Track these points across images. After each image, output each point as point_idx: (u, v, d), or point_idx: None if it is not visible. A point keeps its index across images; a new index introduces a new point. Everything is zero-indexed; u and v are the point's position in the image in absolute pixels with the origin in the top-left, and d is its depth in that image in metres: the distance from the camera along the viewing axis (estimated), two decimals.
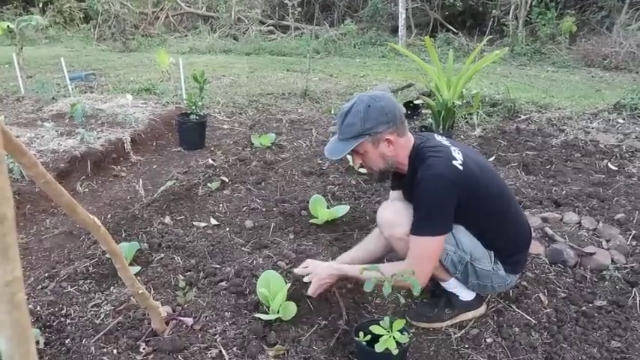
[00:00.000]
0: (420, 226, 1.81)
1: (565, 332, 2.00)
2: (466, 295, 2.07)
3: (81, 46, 11.58)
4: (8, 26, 5.56)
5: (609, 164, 3.92)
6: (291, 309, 1.99)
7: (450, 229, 1.86)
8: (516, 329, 2.02)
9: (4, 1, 13.36)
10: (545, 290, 2.26)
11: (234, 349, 1.85)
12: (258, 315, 1.98)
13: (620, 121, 5.00)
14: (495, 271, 1.98)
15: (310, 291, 2.02)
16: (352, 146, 1.84)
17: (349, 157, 2.18)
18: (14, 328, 0.55)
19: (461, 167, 1.79)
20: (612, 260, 2.45)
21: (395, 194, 2.19)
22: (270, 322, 1.97)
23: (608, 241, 2.61)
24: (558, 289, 2.29)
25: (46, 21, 11.13)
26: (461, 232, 1.93)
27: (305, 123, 5.15)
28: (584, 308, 2.14)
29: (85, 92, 5.89)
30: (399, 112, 1.86)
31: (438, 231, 1.81)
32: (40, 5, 13.44)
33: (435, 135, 2.03)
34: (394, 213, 1.97)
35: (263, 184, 3.50)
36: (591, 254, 2.46)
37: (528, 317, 2.09)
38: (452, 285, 2.05)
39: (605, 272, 2.38)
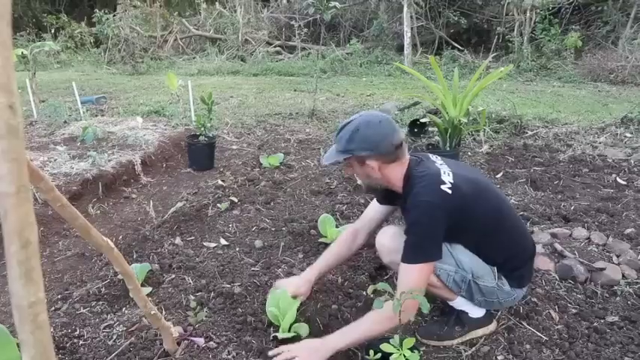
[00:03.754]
0: (411, 254, 1.79)
1: (577, 349, 1.98)
2: (476, 312, 2.07)
3: (92, 70, 11.80)
4: (22, 52, 5.71)
5: (618, 179, 3.91)
6: (305, 330, 2.01)
7: (439, 255, 1.83)
8: (527, 346, 2.01)
9: (18, 27, 13.70)
10: (556, 306, 2.25)
11: None
12: (273, 334, 1.98)
13: (628, 135, 4.99)
14: (500, 287, 1.98)
15: None
16: (339, 158, 1.91)
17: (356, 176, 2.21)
18: (37, 347, 0.57)
19: (449, 191, 1.78)
20: (623, 275, 2.44)
21: (376, 206, 2.27)
22: (281, 340, 1.97)
23: (618, 256, 2.59)
24: (569, 305, 2.27)
25: (58, 46, 11.37)
26: (460, 252, 1.94)
27: (313, 142, 5.19)
28: (595, 324, 2.12)
29: (96, 115, 5.99)
30: (385, 144, 1.84)
31: (428, 258, 1.80)
32: (52, 31, 13.77)
33: (430, 155, 2.03)
34: (391, 239, 2.01)
35: (272, 203, 3.53)
36: (602, 269, 2.44)
37: (539, 334, 2.08)
38: (460, 303, 2.06)
39: (616, 287, 2.37)
